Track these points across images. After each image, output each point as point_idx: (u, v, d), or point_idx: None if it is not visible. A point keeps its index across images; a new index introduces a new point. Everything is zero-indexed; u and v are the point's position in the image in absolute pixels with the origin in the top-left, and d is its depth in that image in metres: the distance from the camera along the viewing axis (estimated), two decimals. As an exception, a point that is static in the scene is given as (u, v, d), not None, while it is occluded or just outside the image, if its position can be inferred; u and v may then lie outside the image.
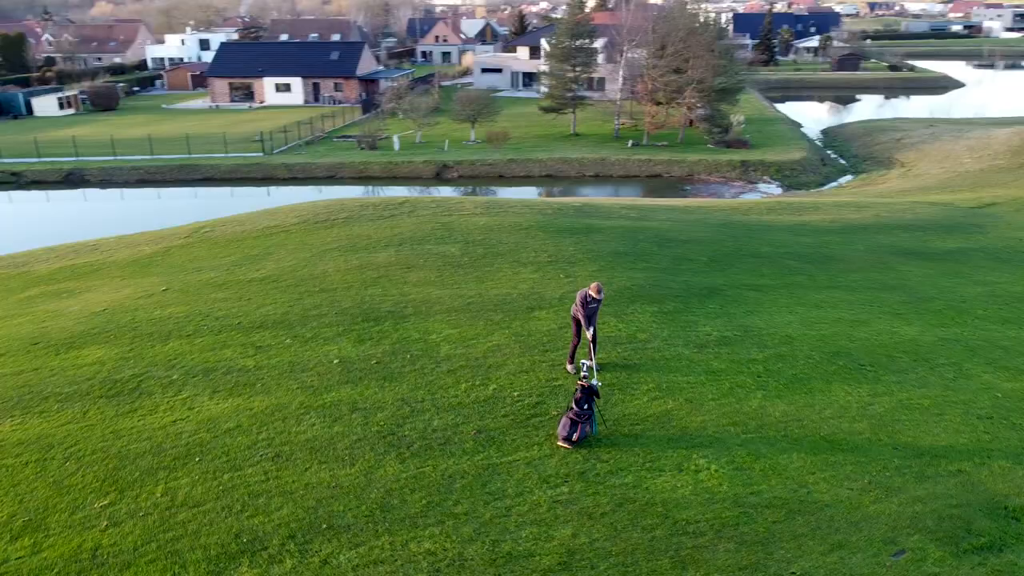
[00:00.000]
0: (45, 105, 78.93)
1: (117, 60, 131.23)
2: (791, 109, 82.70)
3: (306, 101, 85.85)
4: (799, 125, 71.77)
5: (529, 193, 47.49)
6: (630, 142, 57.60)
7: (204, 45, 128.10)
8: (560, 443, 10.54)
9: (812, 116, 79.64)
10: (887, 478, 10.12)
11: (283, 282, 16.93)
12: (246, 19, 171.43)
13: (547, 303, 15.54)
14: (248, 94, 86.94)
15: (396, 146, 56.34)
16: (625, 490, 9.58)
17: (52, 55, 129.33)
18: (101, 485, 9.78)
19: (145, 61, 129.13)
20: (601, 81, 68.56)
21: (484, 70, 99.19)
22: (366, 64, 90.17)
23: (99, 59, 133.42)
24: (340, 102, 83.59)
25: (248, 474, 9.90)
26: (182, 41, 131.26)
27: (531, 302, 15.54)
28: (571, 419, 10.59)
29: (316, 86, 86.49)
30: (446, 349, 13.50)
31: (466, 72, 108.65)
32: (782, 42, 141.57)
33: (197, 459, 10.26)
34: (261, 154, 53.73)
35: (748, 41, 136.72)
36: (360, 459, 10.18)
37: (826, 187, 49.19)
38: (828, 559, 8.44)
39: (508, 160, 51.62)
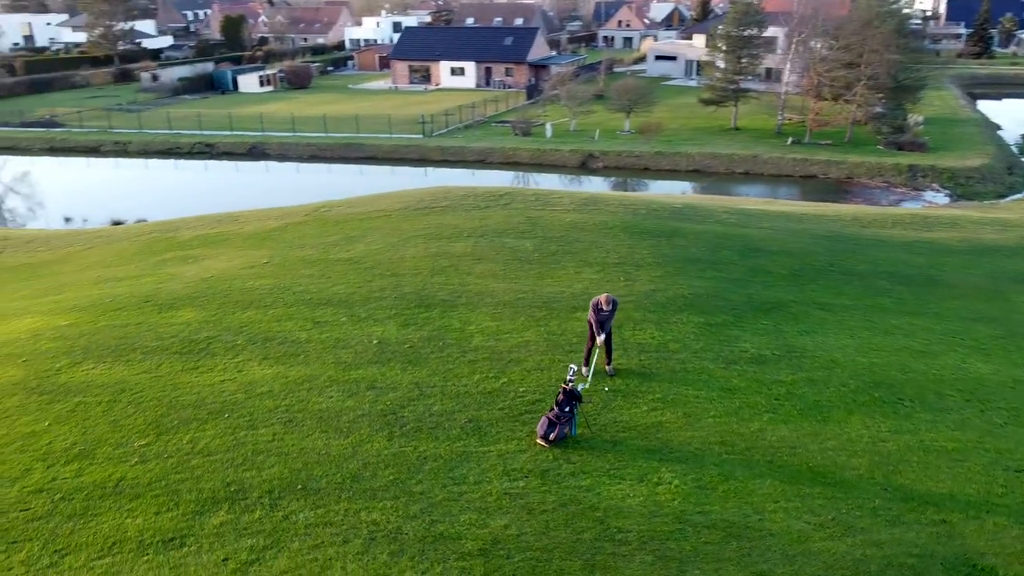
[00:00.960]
0: (248, 82, 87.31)
1: (320, 41, 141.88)
2: (994, 109, 75.10)
3: (478, 85, 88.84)
4: (996, 127, 65.22)
5: (672, 187, 46.92)
6: (790, 139, 55.10)
7: (396, 28, 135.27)
8: (538, 440, 11.16)
9: (1021, 118, 71.91)
10: (855, 518, 9.89)
11: (363, 264, 18.50)
12: (439, 2, 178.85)
13: (585, 306, 15.95)
14: (425, 76, 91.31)
15: (548, 133, 57.42)
16: (576, 492, 10.08)
17: (266, 35, 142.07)
18: (146, 428, 11.61)
19: (343, 42, 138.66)
20: (771, 72, 65.83)
21: (658, 57, 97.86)
22: (538, 50, 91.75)
23: (305, 39, 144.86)
24: (510, 87, 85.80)
25: (260, 434, 11.36)
26: (377, 24, 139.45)
27: (578, 302, 16.04)
28: (549, 419, 11.17)
29: (488, 70, 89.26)
30: (477, 340, 14.39)
31: (641, 59, 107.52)
32: (1002, 31, 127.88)
33: (226, 415, 11.87)
34: (421, 136, 56.74)
35: (962, 31, 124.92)
36: (355, 433, 11.36)
37: (1005, 200, 44.68)
38: (743, 586, 8.57)
39: (655, 153, 51.18)
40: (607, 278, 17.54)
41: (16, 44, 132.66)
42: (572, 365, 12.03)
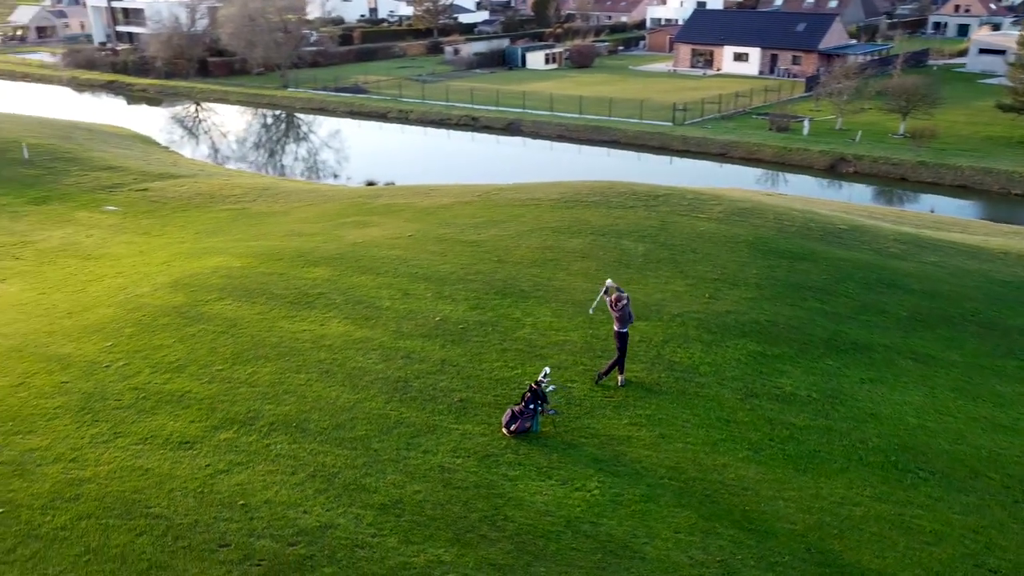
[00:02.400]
0: (535, 59, 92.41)
1: (623, 19, 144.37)
2: None
3: (760, 72, 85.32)
4: None
5: (923, 204, 42.35)
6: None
7: (702, 6, 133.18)
8: (502, 429, 12.39)
9: None
10: (744, 566, 9.92)
11: (481, 248, 20.41)
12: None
13: (653, 315, 16.39)
14: (708, 61, 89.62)
15: (805, 130, 54.24)
16: (498, 479, 11.25)
17: (573, 12, 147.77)
18: (229, 357, 14.74)
19: (644, 21, 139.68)
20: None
21: (982, 50, 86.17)
22: (834, 37, 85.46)
23: (609, 17, 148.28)
24: (795, 76, 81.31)
25: (298, 378, 13.92)
26: (681, 3, 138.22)
27: (639, 311, 16.53)
28: (513, 412, 12.34)
29: (774, 58, 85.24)
30: (524, 332, 15.70)
31: (963, 52, 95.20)
32: None
33: (286, 358, 14.61)
34: (670, 124, 56.73)
35: None
36: (364, 391, 13.45)
37: None
38: (580, 593, 9.30)
39: (917, 162, 46.22)
40: (692, 292, 17.67)
41: (362, 15, 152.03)
42: (547, 368, 12.98)
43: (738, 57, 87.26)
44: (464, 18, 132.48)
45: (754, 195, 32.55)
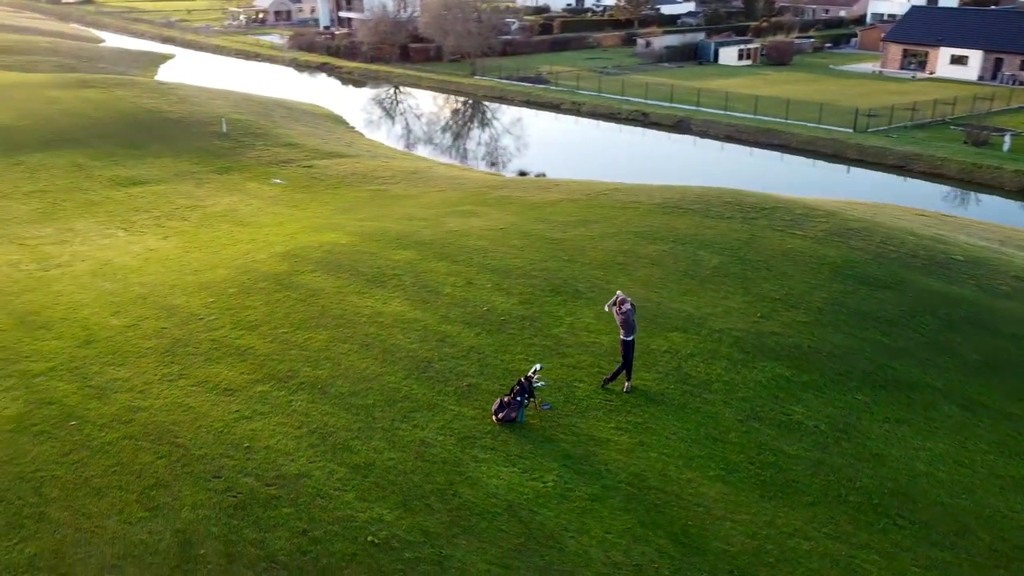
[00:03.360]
0: (728, 55, 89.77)
1: (842, 14, 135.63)
2: None
3: (980, 78, 77.40)
4: None
5: None
6: None
7: (932, 2, 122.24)
8: (491, 415, 13.45)
9: None
10: (652, 568, 10.39)
11: (561, 246, 21.30)
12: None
13: (692, 328, 16.59)
14: (921, 63, 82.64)
15: (1005, 146, 48.98)
16: (466, 458, 12.37)
17: (785, 5, 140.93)
18: (297, 322, 16.86)
19: (864, 16, 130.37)
20: None
21: None
22: (1076, 42, 75.61)
23: (826, 11, 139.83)
24: (1022, 83, 73.14)
25: (342, 348, 15.75)
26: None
27: (681, 323, 16.80)
28: (502, 401, 13.37)
29: (998, 62, 76.97)
30: (559, 330, 16.57)
31: None
32: None
33: (339, 329, 16.51)
34: (850, 131, 53.40)
35: None
36: (390, 366, 15.02)
37: None
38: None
39: None
40: (745, 309, 17.57)
41: (568, 4, 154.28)
42: (537, 365, 13.80)
43: (956, 60, 79.72)
44: (667, 9, 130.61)
45: (894, 213, 30.54)
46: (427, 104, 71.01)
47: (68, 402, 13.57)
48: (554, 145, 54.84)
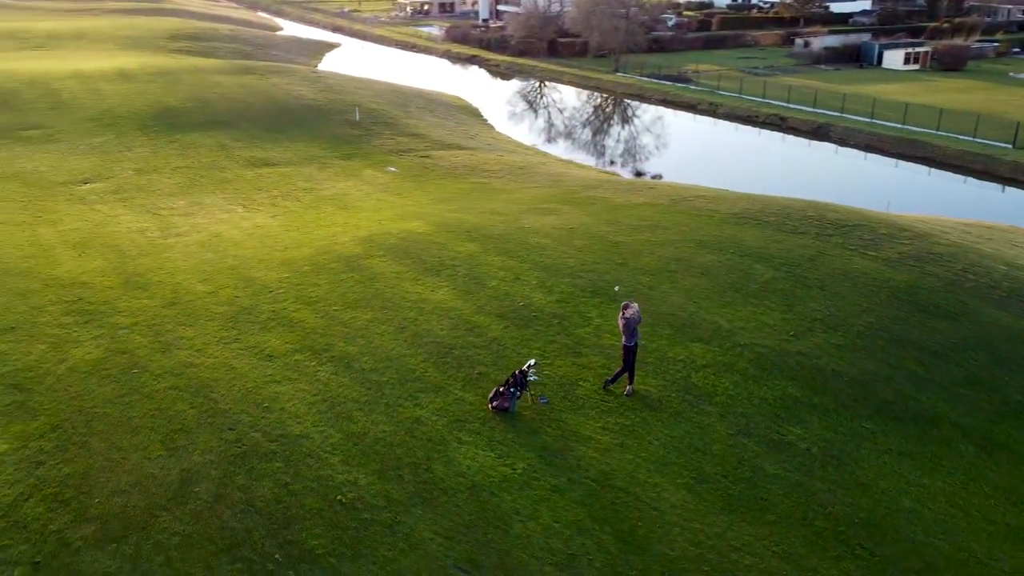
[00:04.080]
0: (893, 58, 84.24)
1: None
2: None
3: None
4: None
5: None
6: None
7: None
8: (488, 403, 14.41)
9: None
10: (585, 560, 11.03)
11: (618, 249, 21.76)
12: None
13: (716, 340, 16.73)
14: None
15: None
16: (451, 439, 13.41)
17: (975, 4, 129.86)
18: (350, 302, 18.49)
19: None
20: None
21: None
22: None
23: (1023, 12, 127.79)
24: None
25: (379, 328, 17.19)
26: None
27: (707, 335, 16.97)
28: (497, 390, 14.29)
29: None
30: (584, 331, 17.21)
31: None
32: None
33: (383, 311, 17.97)
34: (1008, 146, 49.11)
35: None
36: (415, 348, 16.28)
37: None
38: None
39: None
40: (780, 326, 17.44)
41: (735, 0, 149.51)
42: (532, 359, 14.55)
43: None
44: (837, 7, 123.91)
45: (1016, 240, 28.31)
46: (563, 99, 71.99)
47: (138, 353, 15.85)
48: (681, 146, 54.31)
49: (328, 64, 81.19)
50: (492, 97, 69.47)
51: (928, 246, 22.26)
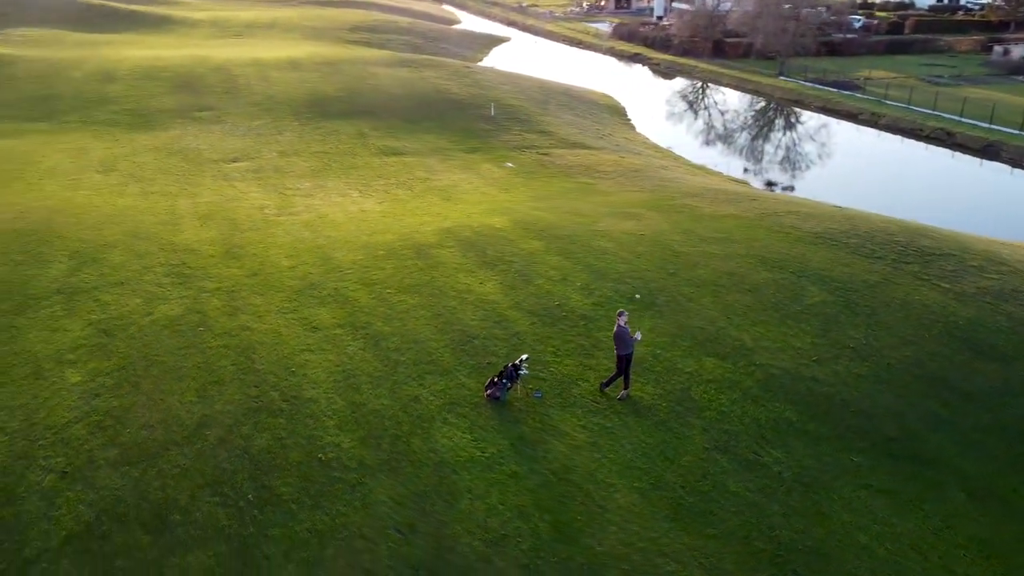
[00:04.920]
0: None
1: None
2: None
3: None
4: None
5: None
6: None
7: None
8: (484, 390, 15.54)
9: None
10: (513, 541, 11.97)
11: (676, 259, 21.96)
12: None
13: (733, 357, 16.84)
14: None
15: None
16: (437, 418, 14.69)
17: None
18: (404, 286, 20.18)
19: None
20: None
21: None
22: None
23: None
24: None
25: (418, 313, 18.73)
26: None
27: (726, 351, 17.10)
28: (492, 380, 15.39)
29: None
30: (605, 336, 17.85)
31: None
32: None
33: (430, 297, 19.47)
34: None
35: None
36: (441, 334, 17.66)
37: None
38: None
39: None
40: (806, 351, 17.22)
41: (939, 1, 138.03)
42: (525, 355, 15.43)
43: None
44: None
45: None
46: (714, 102, 70.49)
47: (209, 314, 18.39)
48: (826, 158, 51.92)
49: (492, 59, 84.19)
50: (642, 96, 69.34)
51: (1018, 282, 20.71)
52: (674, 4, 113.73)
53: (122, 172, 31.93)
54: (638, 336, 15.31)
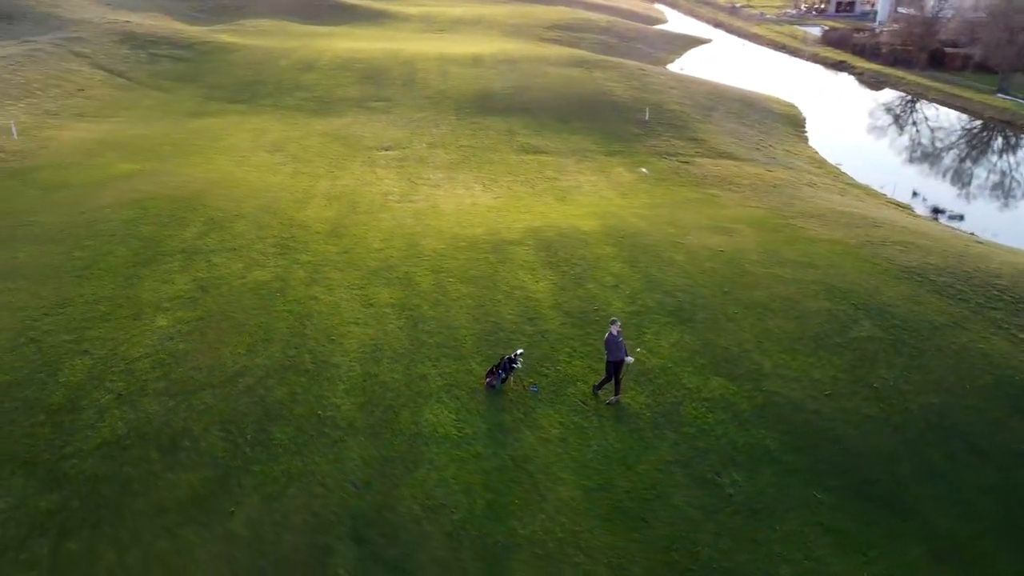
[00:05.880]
0: None
1: None
2: None
3: None
4: None
5: None
6: None
7: None
8: (484, 378, 16.90)
9: None
10: (454, 520, 13.30)
11: (740, 279, 21.77)
12: None
13: (741, 380, 16.89)
14: None
15: None
16: (433, 397, 16.27)
17: None
18: (464, 277, 21.92)
19: None
20: None
21: None
22: None
23: None
24: None
25: (466, 302, 20.34)
26: None
27: (738, 373, 17.15)
28: (490, 369, 16.69)
29: None
30: (628, 344, 18.48)
31: None
32: None
33: (482, 288, 21.03)
34: None
35: None
36: (476, 323, 19.17)
37: None
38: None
39: None
40: (829, 384, 16.86)
41: None
42: (520, 349, 16.48)
43: None
44: None
45: None
46: (909, 118, 65.20)
47: (290, 282, 21.18)
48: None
49: (684, 61, 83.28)
50: (831, 107, 65.75)
51: None
52: (899, 9, 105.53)
53: (286, 153, 36.34)
54: (630, 359, 15.97)
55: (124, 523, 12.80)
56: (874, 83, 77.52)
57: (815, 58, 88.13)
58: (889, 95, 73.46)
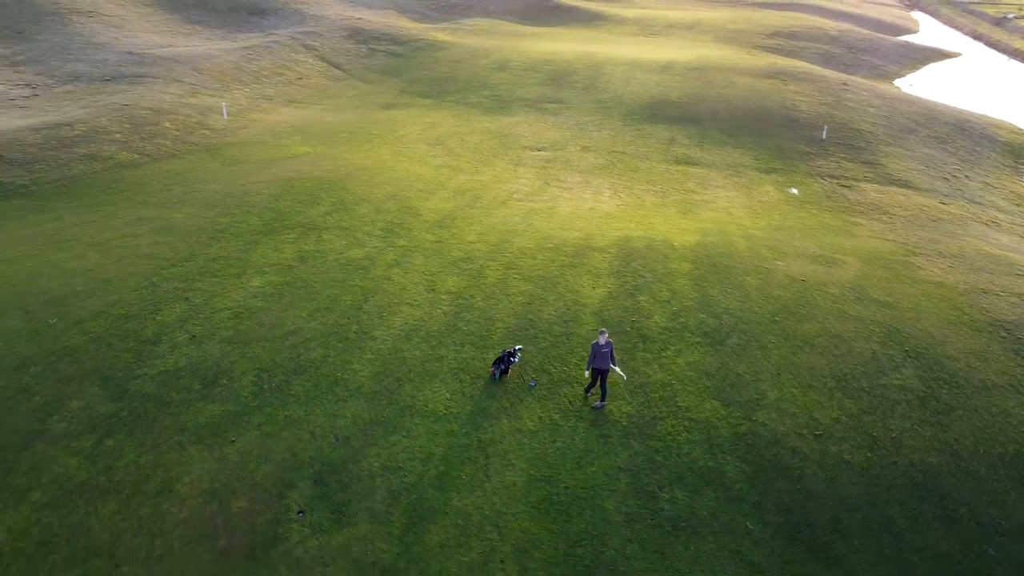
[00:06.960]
0: None
1: None
2: None
3: None
4: None
5: None
6: None
7: None
8: (491, 366, 18.41)
9: None
10: (414, 499, 15.11)
11: (795, 309, 21.15)
12: None
13: (736, 406, 16.94)
14: None
15: None
16: (436, 379, 18.05)
17: None
18: (529, 276, 23.42)
19: None
20: None
21: None
22: None
23: None
24: None
25: (517, 299, 21.86)
26: None
27: (736, 399, 17.18)
28: (495, 360, 18.15)
29: None
30: (641, 361, 19.06)
31: None
32: None
33: (540, 288, 22.42)
34: None
35: None
36: (513, 317, 20.65)
37: None
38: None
39: None
40: (828, 426, 16.44)
41: None
42: (519, 345, 17.65)
43: None
44: None
45: None
46: None
47: (377, 261, 23.90)
48: None
49: (919, 76, 76.71)
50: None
51: None
52: None
53: (445, 146, 39.59)
54: (621, 375, 16.75)
55: (150, 433, 16.06)
56: None
57: (1080, 80, 77.08)
58: None
